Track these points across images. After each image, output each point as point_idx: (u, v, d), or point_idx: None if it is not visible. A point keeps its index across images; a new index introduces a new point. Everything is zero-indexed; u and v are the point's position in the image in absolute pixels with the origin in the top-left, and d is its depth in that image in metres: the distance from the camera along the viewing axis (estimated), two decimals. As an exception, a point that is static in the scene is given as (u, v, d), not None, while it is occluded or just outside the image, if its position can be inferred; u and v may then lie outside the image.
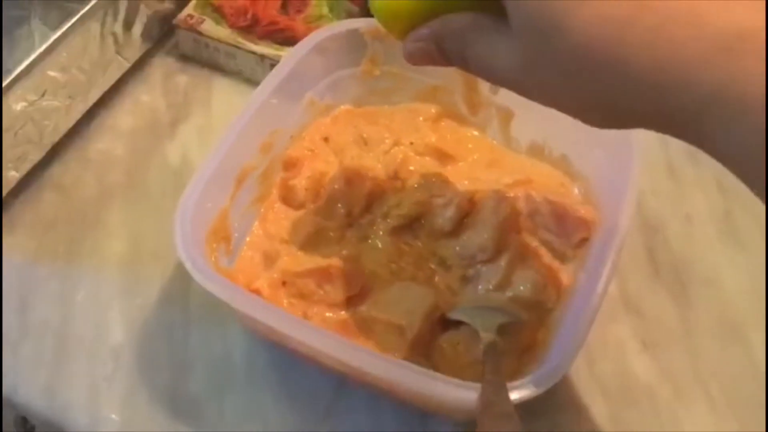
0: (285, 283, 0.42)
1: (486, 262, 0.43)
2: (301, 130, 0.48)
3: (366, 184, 0.45)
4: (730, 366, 0.42)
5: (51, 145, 0.50)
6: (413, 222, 0.45)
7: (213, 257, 0.41)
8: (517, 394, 0.33)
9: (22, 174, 0.48)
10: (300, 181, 0.46)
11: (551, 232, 0.44)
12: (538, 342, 0.40)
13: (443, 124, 0.50)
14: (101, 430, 0.40)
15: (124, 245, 0.47)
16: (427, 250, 0.44)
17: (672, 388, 0.42)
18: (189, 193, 0.40)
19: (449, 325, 0.41)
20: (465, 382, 0.34)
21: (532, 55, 0.27)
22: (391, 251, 0.44)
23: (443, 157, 0.48)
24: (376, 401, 0.40)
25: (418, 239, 0.45)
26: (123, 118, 0.53)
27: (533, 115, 0.47)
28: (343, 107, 0.50)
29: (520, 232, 0.44)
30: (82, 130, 0.52)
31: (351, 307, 0.41)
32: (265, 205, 0.46)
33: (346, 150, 0.48)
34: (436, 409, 0.39)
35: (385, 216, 0.45)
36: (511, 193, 0.45)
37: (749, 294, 0.45)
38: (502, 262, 0.42)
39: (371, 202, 0.45)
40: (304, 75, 0.47)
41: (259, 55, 0.54)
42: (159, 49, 0.57)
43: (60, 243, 0.47)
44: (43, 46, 0.46)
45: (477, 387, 0.33)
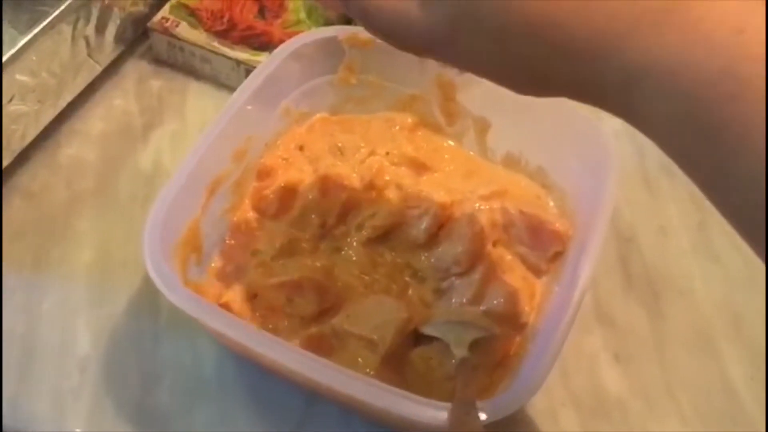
0: (256, 295, 0.41)
1: (460, 275, 0.43)
2: (276, 138, 0.48)
3: (341, 194, 0.45)
4: (700, 378, 0.42)
5: (19, 150, 0.49)
6: (388, 233, 0.44)
7: (183, 269, 0.40)
8: (488, 414, 0.32)
9: (-12, 180, 0.48)
10: (273, 191, 0.45)
11: (526, 246, 0.44)
12: (511, 356, 0.40)
13: (420, 133, 0.50)
14: (67, 444, 0.40)
15: (93, 253, 0.46)
16: (402, 262, 0.44)
17: (643, 401, 0.42)
18: (159, 206, 0.39)
19: (422, 339, 0.40)
20: (435, 402, 0.33)
21: (456, 16, 0.26)
22: (365, 263, 0.43)
23: (419, 167, 0.48)
24: (348, 413, 0.40)
25: (392, 251, 0.44)
26: (94, 123, 0.53)
27: (510, 126, 0.47)
28: (318, 115, 0.50)
29: (495, 245, 0.44)
30: (52, 134, 0.51)
31: (323, 320, 0.41)
32: (238, 214, 0.45)
33: (321, 159, 0.47)
34: (407, 427, 0.39)
35: (360, 227, 0.44)
36: (487, 205, 0.45)
37: (721, 306, 0.45)
38: (476, 276, 0.42)
39: (346, 212, 0.45)
40: (281, 82, 0.47)
41: (235, 61, 0.53)
42: (132, 53, 0.56)
43: (27, 251, 0.46)
44: (12, 51, 0.45)
45: (447, 406, 0.33)
